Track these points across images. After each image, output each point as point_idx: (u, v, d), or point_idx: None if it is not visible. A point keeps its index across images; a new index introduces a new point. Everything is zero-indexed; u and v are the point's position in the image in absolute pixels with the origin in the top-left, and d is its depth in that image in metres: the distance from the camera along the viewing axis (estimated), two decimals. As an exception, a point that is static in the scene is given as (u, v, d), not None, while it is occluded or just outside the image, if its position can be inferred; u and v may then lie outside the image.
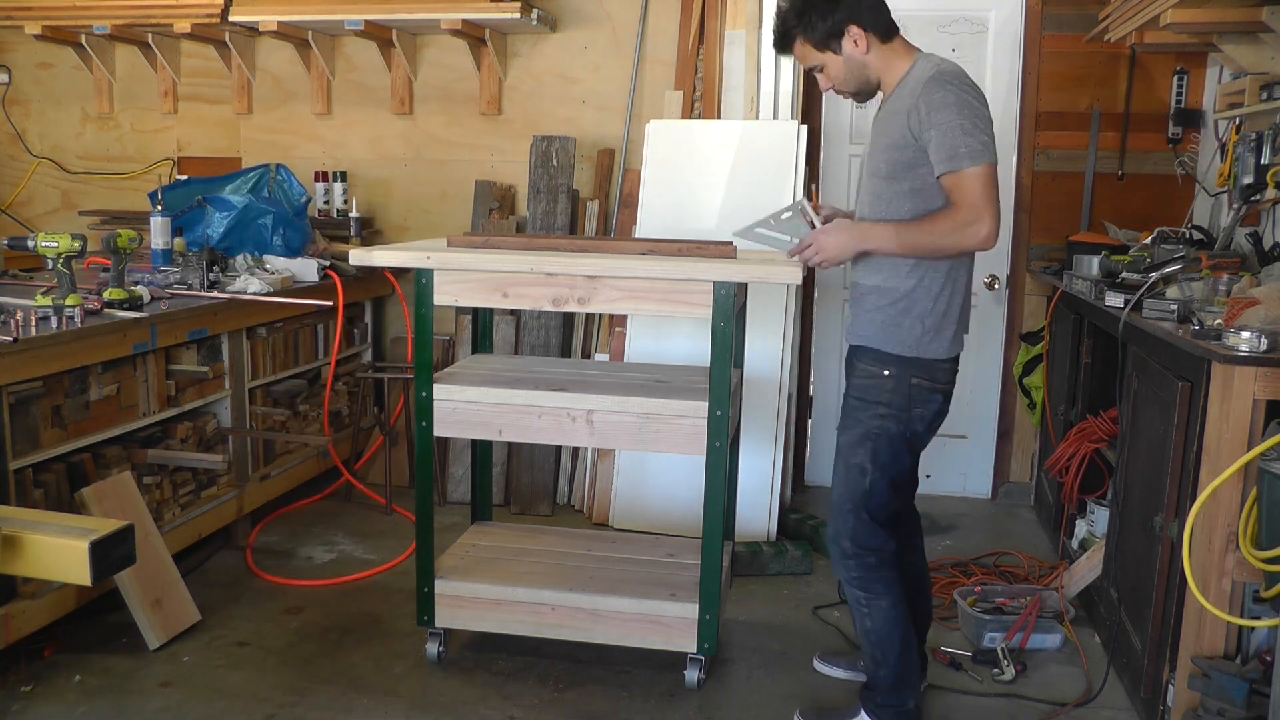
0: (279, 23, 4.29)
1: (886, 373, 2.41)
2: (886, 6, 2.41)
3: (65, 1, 4.46)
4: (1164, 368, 2.56)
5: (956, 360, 2.48)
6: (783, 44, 2.45)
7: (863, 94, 2.47)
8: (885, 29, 2.39)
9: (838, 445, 2.52)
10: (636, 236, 4.04)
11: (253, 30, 4.50)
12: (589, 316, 4.33)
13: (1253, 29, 3.22)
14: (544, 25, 4.35)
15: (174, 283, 3.49)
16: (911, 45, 2.43)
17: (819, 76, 2.47)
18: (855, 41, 2.36)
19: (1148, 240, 3.53)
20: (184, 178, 4.50)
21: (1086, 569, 3.23)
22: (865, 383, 2.45)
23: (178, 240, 3.80)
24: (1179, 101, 4.08)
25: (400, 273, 4.43)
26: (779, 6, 2.50)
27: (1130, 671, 2.73)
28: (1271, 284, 2.46)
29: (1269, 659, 2.23)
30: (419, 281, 2.64)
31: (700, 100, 4.29)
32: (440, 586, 2.83)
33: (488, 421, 2.72)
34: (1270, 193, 3.11)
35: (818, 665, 2.94)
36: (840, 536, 2.50)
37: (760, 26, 4.15)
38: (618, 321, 4.20)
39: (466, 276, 2.65)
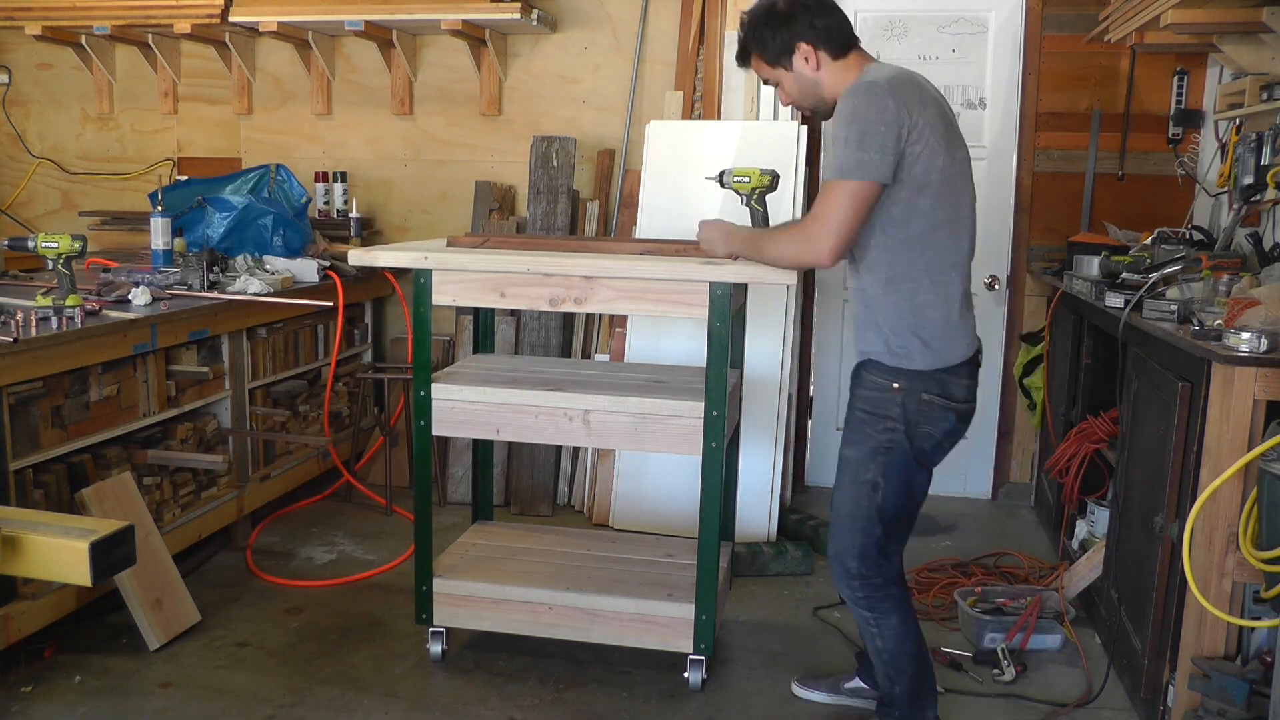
0: (279, 23, 4.29)
1: (895, 385, 2.27)
2: (843, 23, 2.31)
3: (65, 2, 4.47)
4: (1164, 368, 2.56)
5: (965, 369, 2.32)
6: (741, 58, 2.41)
7: (820, 112, 2.38)
8: (839, 46, 2.29)
9: (842, 458, 2.38)
10: (636, 237, 4.04)
11: (253, 31, 4.51)
12: (589, 317, 4.33)
13: (1253, 29, 3.22)
14: (544, 25, 4.35)
15: (174, 283, 3.49)
16: (867, 56, 2.33)
17: (778, 92, 2.42)
18: (806, 59, 2.29)
19: (1148, 241, 3.52)
20: (184, 178, 4.51)
21: (1086, 569, 3.22)
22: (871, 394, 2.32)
23: (178, 241, 3.81)
24: (1179, 102, 4.08)
25: (400, 273, 4.43)
26: (740, 19, 2.44)
27: (1130, 672, 2.73)
28: (1271, 284, 2.46)
29: (1269, 659, 2.22)
30: (417, 282, 2.64)
31: (700, 100, 4.29)
32: (438, 585, 2.83)
33: (485, 421, 2.72)
34: (1270, 193, 3.11)
35: (796, 690, 2.77)
36: (845, 556, 2.37)
37: (760, 27, 4.15)
38: (618, 322, 4.20)
39: (464, 276, 2.65)
